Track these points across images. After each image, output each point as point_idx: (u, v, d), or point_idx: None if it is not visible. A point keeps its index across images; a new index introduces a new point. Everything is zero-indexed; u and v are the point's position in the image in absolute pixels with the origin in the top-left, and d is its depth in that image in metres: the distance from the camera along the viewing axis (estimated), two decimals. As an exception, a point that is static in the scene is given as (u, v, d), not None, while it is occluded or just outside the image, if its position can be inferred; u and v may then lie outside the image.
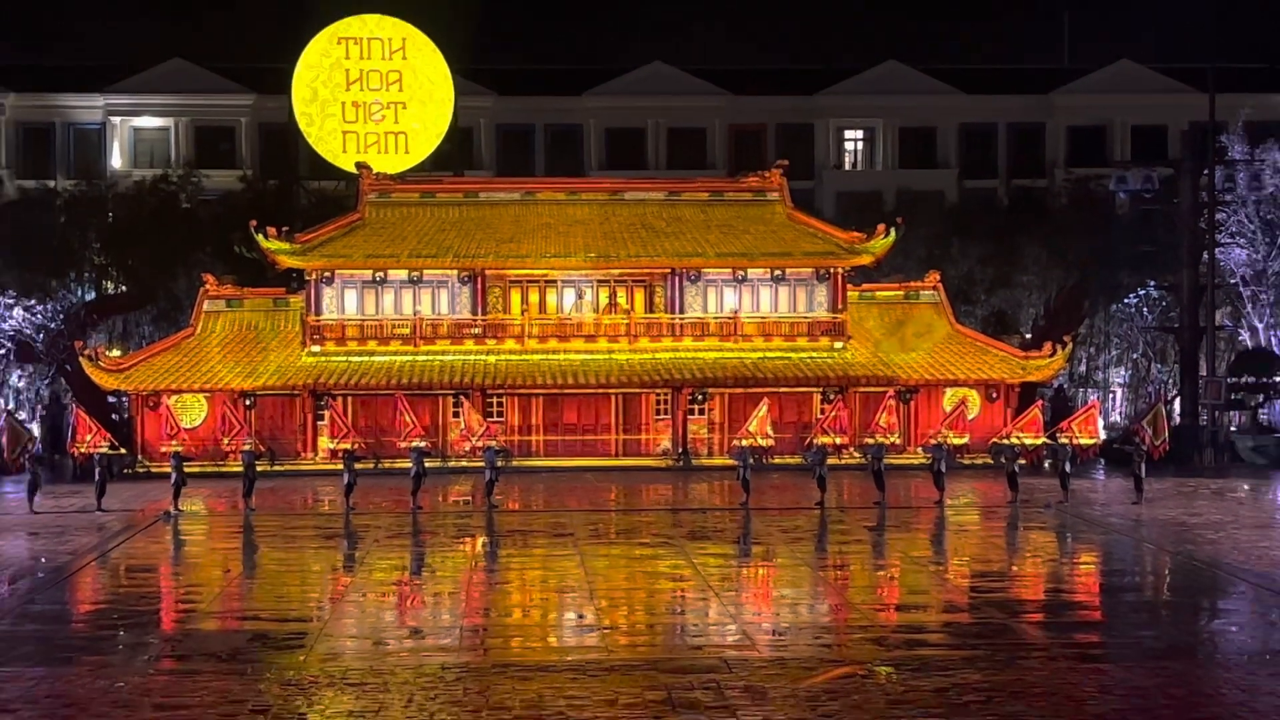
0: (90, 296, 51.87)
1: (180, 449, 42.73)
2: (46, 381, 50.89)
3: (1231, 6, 63.23)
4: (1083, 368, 51.89)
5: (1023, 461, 42.08)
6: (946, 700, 20.45)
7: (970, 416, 46.99)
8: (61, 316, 50.62)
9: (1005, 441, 44.54)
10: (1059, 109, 68.40)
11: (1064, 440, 44.97)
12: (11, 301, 50.56)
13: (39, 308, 50.46)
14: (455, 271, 49.15)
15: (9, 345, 50.80)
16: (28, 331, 50.50)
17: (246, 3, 57.01)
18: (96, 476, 42.25)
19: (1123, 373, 53.86)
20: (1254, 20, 46.07)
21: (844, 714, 19.82)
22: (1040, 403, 47.70)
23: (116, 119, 66.04)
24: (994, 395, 48.05)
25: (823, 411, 46.71)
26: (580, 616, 27.67)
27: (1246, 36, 49.76)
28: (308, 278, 49.20)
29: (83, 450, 44.09)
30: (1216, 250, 51.19)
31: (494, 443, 42.97)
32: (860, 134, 68.03)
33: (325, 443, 46.17)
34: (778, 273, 50.12)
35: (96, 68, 58.97)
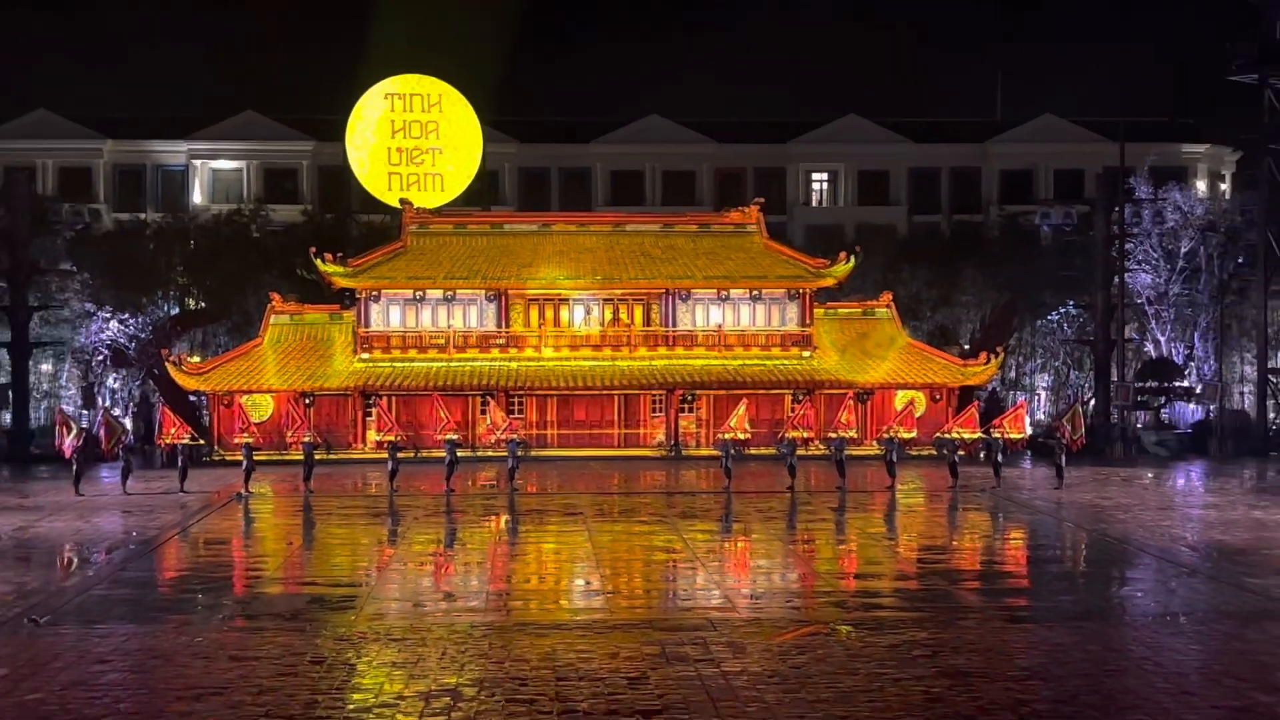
0: (174, 312, 51.85)
1: (250, 440, 42.65)
2: (138, 383, 50.86)
3: (1138, 68, 63.42)
4: (1012, 374, 51.99)
5: (962, 453, 42.08)
6: (897, 654, 20.53)
7: (917, 415, 47.00)
8: (150, 328, 50.60)
9: (947, 436, 44.49)
10: (992, 155, 68.53)
11: (996, 435, 45.00)
12: (108, 315, 50.55)
13: (131, 321, 50.44)
14: (483, 291, 49.20)
15: (106, 352, 50.77)
16: (122, 341, 50.49)
17: (308, 60, 56.75)
18: (179, 464, 42.25)
19: (1046, 378, 53.96)
20: (1158, 79, 46.11)
21: (810, 666, 19.86)
22: (977, 403, 47.69)
23: (198, 162, 66.21)
24: (937, 397, 48.09)
25: (793, 410, 46.68)
26: (588, 583, 27.74)
27: (1153, 94, 49.91)
28: (358, 296, 49.24)
29: (168, 441, 44.06)
30: (1125, 275, 51.27)
31: (515, 436, 42.95)
32: (825, 176, 68.10)
33: (372, 435, 46.17)
34: (755, 293, 50.20)
35: (180, 118, 58.94)
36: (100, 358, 50.90)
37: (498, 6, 52.50)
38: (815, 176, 68.96)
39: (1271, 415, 51.21)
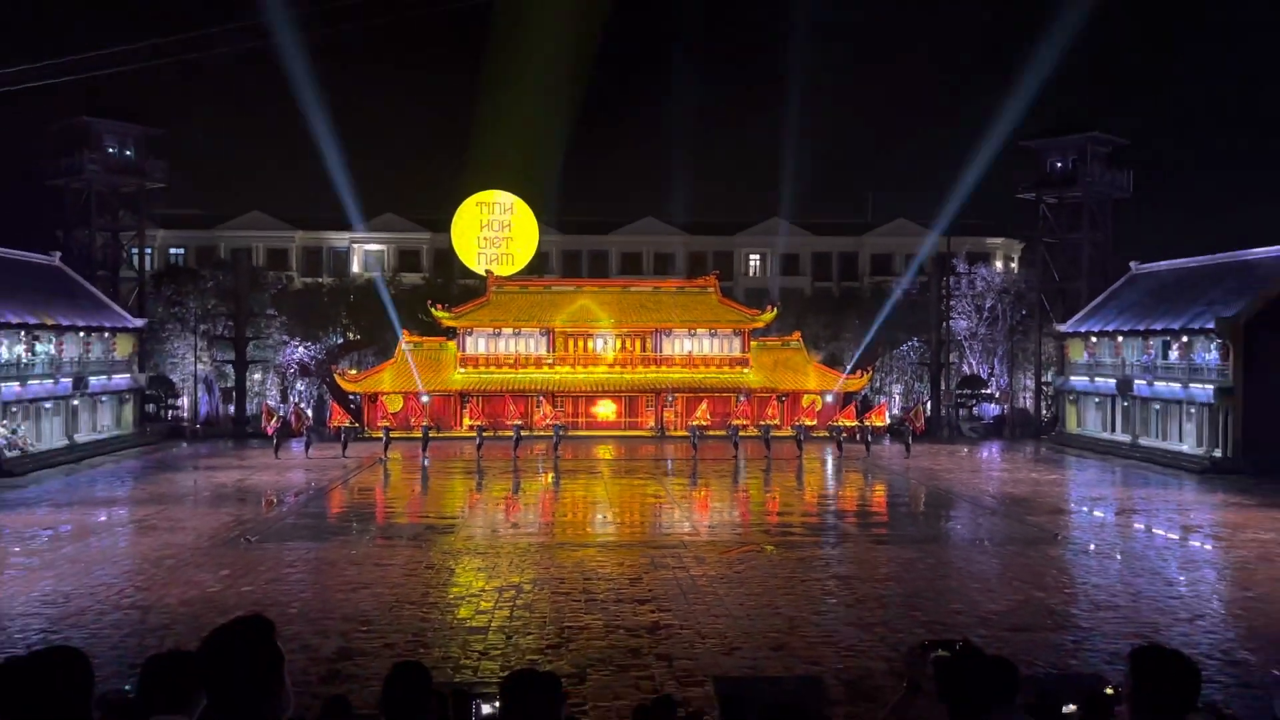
0: (339, 342, 51.73)
1: (387, 424, 42.50)
2: (315, 387, 50.79)
3: (959, 185, 63.16)
4: (878, 383, 51.73)
5: (845, 435, 41.91)
6: (804, 564, 20.56)
7: (817, 410, 46.76)
8: (324, 352, 50.55)
9: (836, 424, 44.22)
10: (865, 244, 67.92)
11: (867, 423, 44.99)
12: (297, 343, 50.55)
13: (312, 347, 50.41)
14: (537, 329, 49.07)
15: (295, 367, 50.72)
16: (306, 359, 50.43)
17: (426, 174, 56.76)
18: (342, 439, 42.15)
19: (899, 387, 53.70)
20: (973, 194, 46.09)
21: (747, 571, 19.88)
22: (854, 403, 47.50)
23: (355, 245, 66.12)
24: (830, 399, 47.86)
25: (736, 406, 46.46)
26: (604, 517, 27.66)
27: (970, 204, 49.85)
28: (458, 332, 49.10)
29: (335, 424, 43.95)
30: (949, 321, 51.15)
31: (558, 422, 42.85)
32: (757, 257, 67.86)
33: (466, 420, 45.94)
34: (712, 331, 49.99)
35: (342, 217, 58.65)
36: (291, 370, 50.87)
37: (551, 140, 52.42)
38: (751, 257, 68.69)
39: (1043, 412, 51.16)
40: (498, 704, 3.80)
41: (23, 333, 37.73)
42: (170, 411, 49.70)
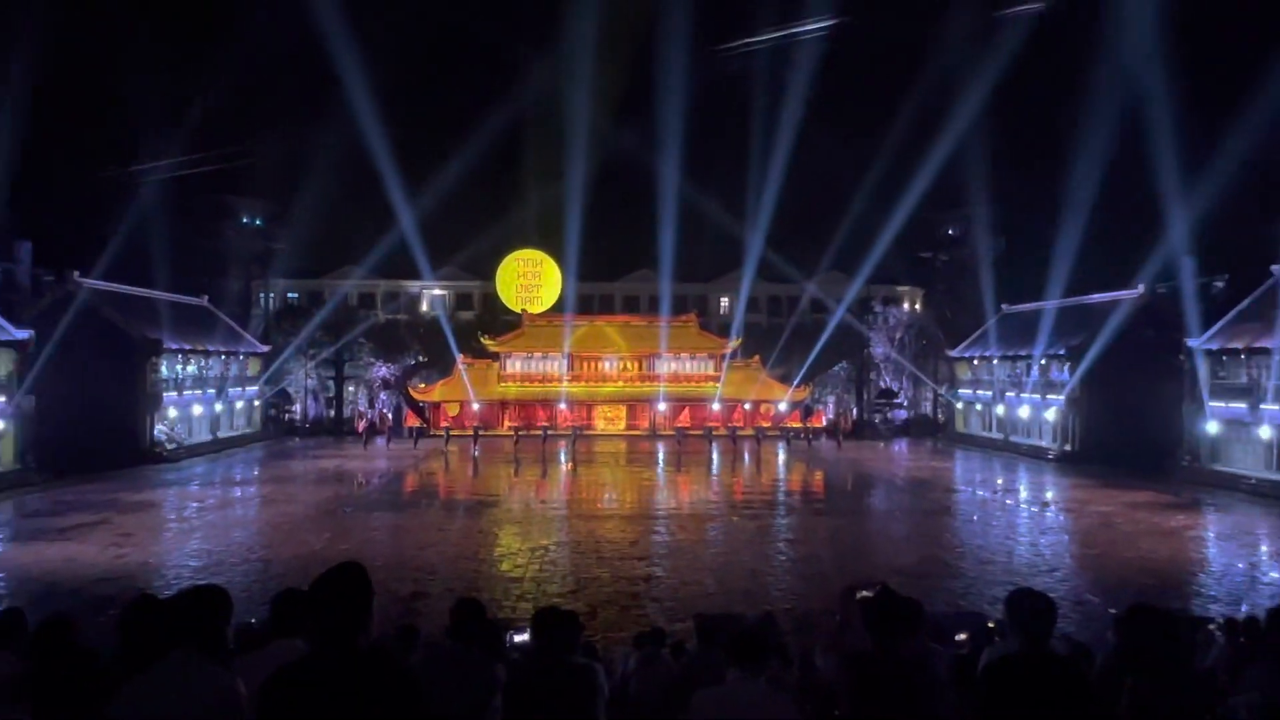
0: (412, 363, 51.67)
1: (448, 425, 42.48)
2: (394, 397, 50.67)
3: (867, 245, 62.15)
4: (817, 395, 51.52)
5: (792, 434, 41.91)
6: (761, 531, 20.46)
7: (772, 415, 46.81)
8: (401, 371, 50.45)
9: (786, 425, 44.33)
10: (807, 290, 66.07)
11: (809, 425, 45.02)
12: (381, 364, 50.45)
13: (392, 367, 50.31)
14: (560, 354, 48.84)
15: (380, 381, 50.64)
16: (387, 376, 50.36)
17: (476, 230, 56.38)
18: (414, 436, 42.12)
19: (832, 397, 53.56)
20: (888, 254, 45.77)
21: (718, 535, 19.82)
22: (799, 410, 47.45)
23: (424, 290, 65.72)
24: (781, 406, 47.72)
25: (710, 413, 46.53)
26: (610, 495, 27.60)
27: (889, 257, 49.43)
28: (500, 355, 48.99)
29: (408, 425, 44.02)
30: (870, 348, 51.14)
31: (576, 424, 42.87)
32: (726, 299, 67.76)
33: (506, 423, 45.85)
34: (692, 355, 49.80)
35: (414, 269, 58.10)
36: (376, 384, 50.74)
37: (570, 209, 52.43)
38: (722, 299, 68.62)
39: (939, 416, 51.07)
40: (529, 634, 3.80)
41: (180, 356, 37.79)
42: (286, 415, 49.62)
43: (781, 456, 39.05)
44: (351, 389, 52.41)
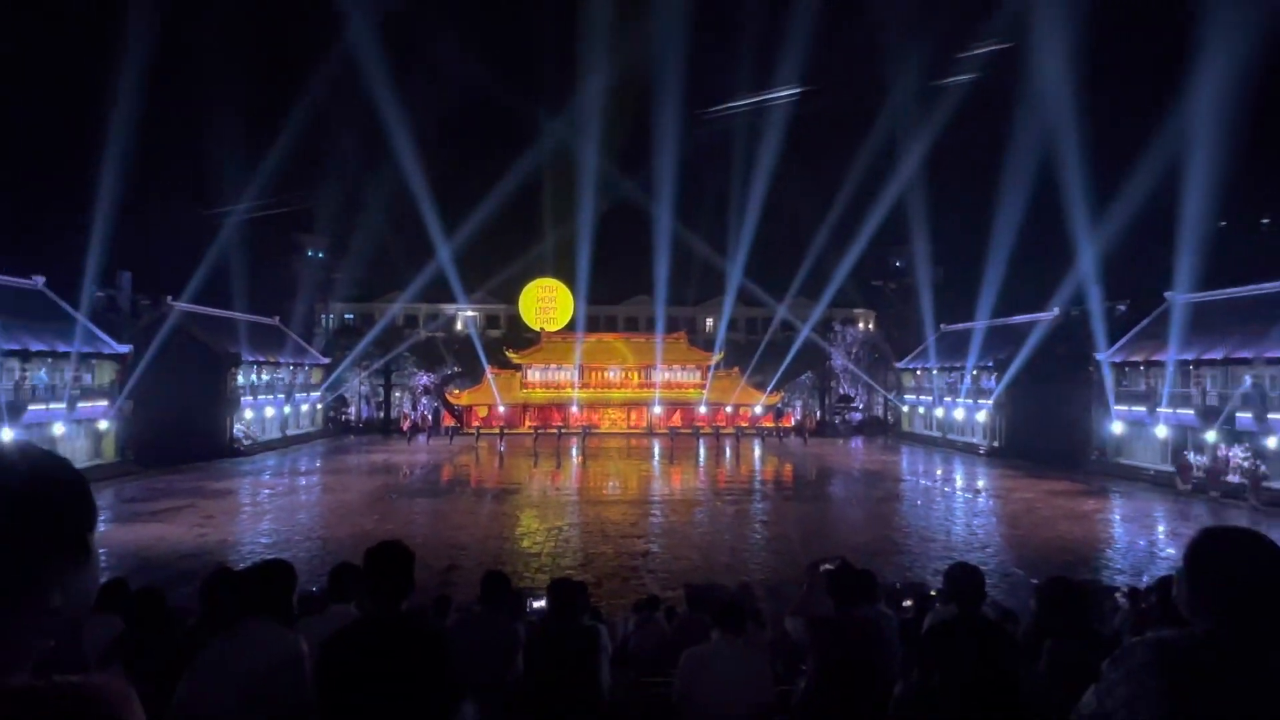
0: (448, 372, 51.55)
1: (479, 425, 42.33)
2: (434, 401, 50.51)
3: (835, 274, 60.52)
4: (786, 400, 51.34)
5: (766, 433, 41.72)
6: (740, 514, 20.36)
7: (750, 416, 46.73)
8: (440, 379, 50.31)
9: (761, 425, 44.21)
10: (777, 311, 66.03)
11: (781, 424, 44.87)
12: (423, 374, 50.30)
13: (432, 375, 50.19)
14: (573, 364, 48.80)
15: (422, 387, 50.48)
16: (428, 383, 50.22)
17: (505, 265, 56.20)
18: (449, 434, 42.00)
19: (799, 402, 53.36)
20: (849, 282, 45.14)
21: (705, 517, 19.71)
22: (772, 412, 47.35)
23: (459, 312, 64.98)
24: (757, 409, 47.63)
25: (697, 415, 46.41)
26: (614, 483, 27.49)
27: (847, 284, 48.92)
28: (522, 366, 48.87)
29: (445, 425, 43.88)
30: (830, 361, 51.05)
31: (585, 424, 42.75)
32: (710, 320, 67.53)
33: (527, 423, 45.70)
34: (683, 367, 49.73)
35: (450, 294, 57.96)
36: (418, 390, 50.62)
37: (580, 243, 52.51)
38: (708, 320, 68.38)
39: (889, 418, 50.94)
40: (545, 600, 3.78)
41: (255, 366, 37.75)
42: (343, 416, 49.48)
43: (757, 451, 38.98)
44: (398, 394, 52.29)
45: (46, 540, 0.78)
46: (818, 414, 52.12)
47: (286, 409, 40.34)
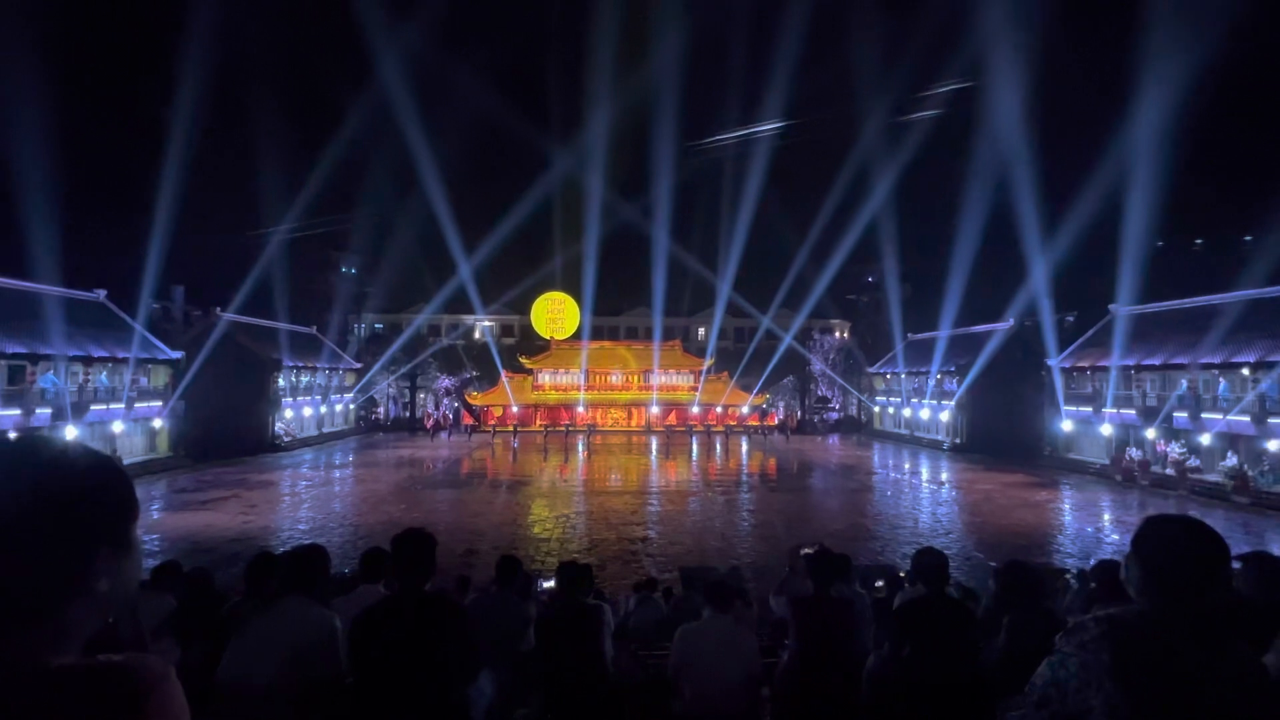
0: (467, 376, 51.45)
1: (495, 424, 42.19)
2: (455, 401, 50.38)
3: (814, 287, 60.23)
4: (771, 400, 51.24)
5: (752, 430, 41.57)
6: (729, 503, 20.28)
7: (738, 415, 46.63)
8: (460, 382, 50.19)
9: (748, 424, 44.11)
10: (762, 322, 66.73)
11: (766, 423, 44.74)
12: (444, 377, 50.14)
13: (453, 378, 50.06)
14: (579, 369, 48.73)
15: (443, 390, 50.34)
16: (449, 386, 50.09)
17: (519, 279, 56.06)
18: (469, 432, 41.87)
19: (782, 403, 53.20)
20: (826, 291, 44.60)
21: (698, 506, 19.65)
22: (758, 412, 47.22)
23: (477, 322, 65.08)
24: (744, 410, 47.53)
25: (690, 414, 46.27)
26: (615, 475, 27.37)
27: (825, 298, 48.37)
28: (534, 370, 48.78)
29: (465, 424, 43.73)
30: (810, 366, 51.02)
31: (591, 422, 42.60)
32: (702, 329, 67.43)
33: (538, 422, 45.62)
34: (677, 371, 49.62)
35: (469, 305, 58.02)
36: (440, 391, 50.49)
37: (587, 258, 52.52)
38: (700, 329, 68.22)
39: (862, 417, 50.84)
40: (554, 580, 3.77)
41: (294, 371, 37.74)
42: (373, 415, 49.41)
43: (744, 448, 38.92)
44: (422, 396, 52.18)
45: (96, 533, 0.79)
46: (798, 413, 52.02)
47: (322, 409, 40.28)
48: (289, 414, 36.06)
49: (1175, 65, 28.16)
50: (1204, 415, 22.61)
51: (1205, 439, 22.32)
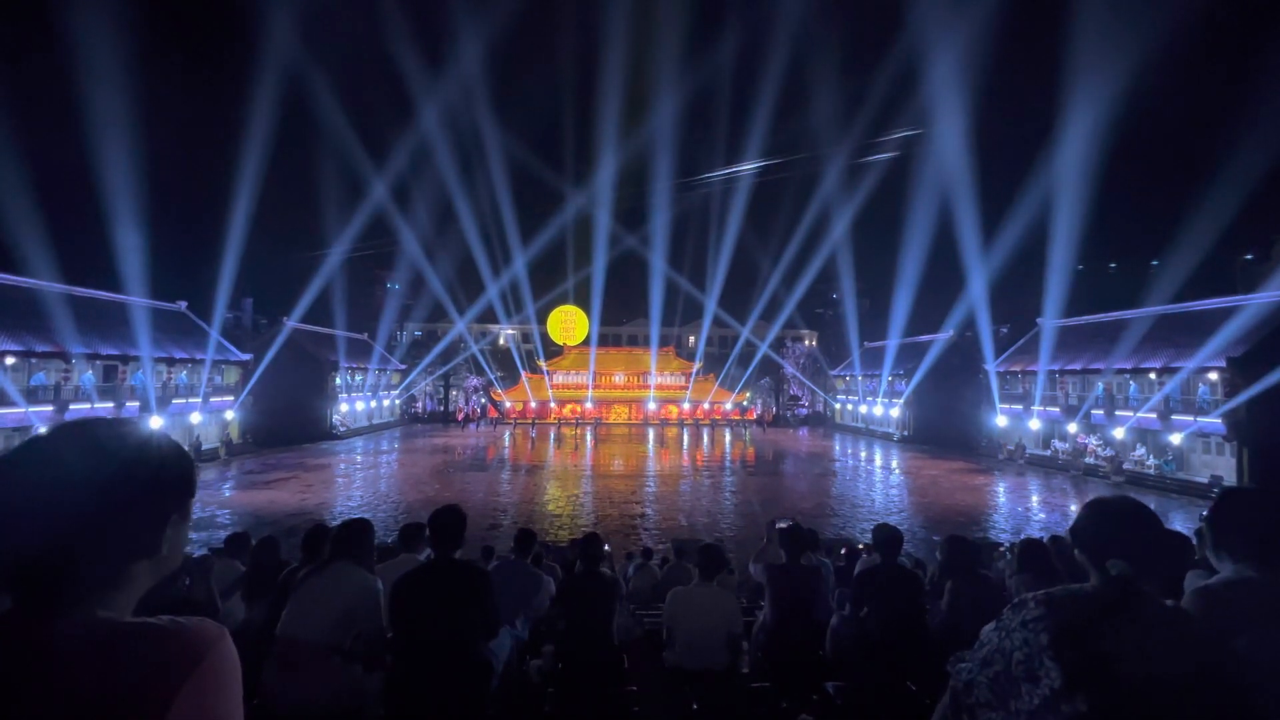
0: (493, 377, 51.33)
1: (516, 417, 42.02)
2: (482, 397, 50.19)
3: (785, 302, 59.56)
4: (750, 398, 51.01)
5: (735, 424, 41.39)
6: (714, 485, 20.20)
7: (721, 412, 46.47)
8: (486, 381, 50.02)
9: (734, 418, 43.93)
10: (743, 332, 66.82)
11: (746, 418, 44.55)
12: (474, 377, 49.96)
13: (478, 379, 49.92)
14: (588, 371, 48.56)
15: (472, 388, 50.18)
16: (478, 384, 49.87)
17: (537, 293, 55.45)
18: (495, 424, 41.72)
19: (759, 400, 53.04)
20: (797, 305, 44.10)
21: (689, 489, 19.60)
22: (739, 408, 47.08)
23: (502, 331, 65.22)
24: (728, 406, 47.29)
25: (682, 410, 46.05)
26: (618, 462, 27.23)
27: (795, 311, 47.85)
28: (549, 371, 48.65)
29: (490, 417, 43.57)
30: (783, 369, 50.87)
31: (598, 416, 42.44)
32: (693, 338, 67.28)
33: (553, 416, 45.46)
34: (671, 373, 49.54)
35: (495, 316, 57.75)
36: (471, 390, 50.35)
37: (595, 275, 52.41)
38: (690, 337, 68.05)
39: (827, 412, 50.64)
40: (578, 550, 3.75)
41: (349, 371, 37.72)
42: (413, 409, 49.32)
43: (727, 439, 38.86)
44: (454, 393, 52.18)
45: (169, 503, 0.81)
46: (773, 409, 51.96)
47: (372, 403, 40.26)
48: (344, 407, 35.98)
49: (1092, 113, 28.48)
50: (1118, 413, 22.63)
51: (1119, 433, 22.31)
